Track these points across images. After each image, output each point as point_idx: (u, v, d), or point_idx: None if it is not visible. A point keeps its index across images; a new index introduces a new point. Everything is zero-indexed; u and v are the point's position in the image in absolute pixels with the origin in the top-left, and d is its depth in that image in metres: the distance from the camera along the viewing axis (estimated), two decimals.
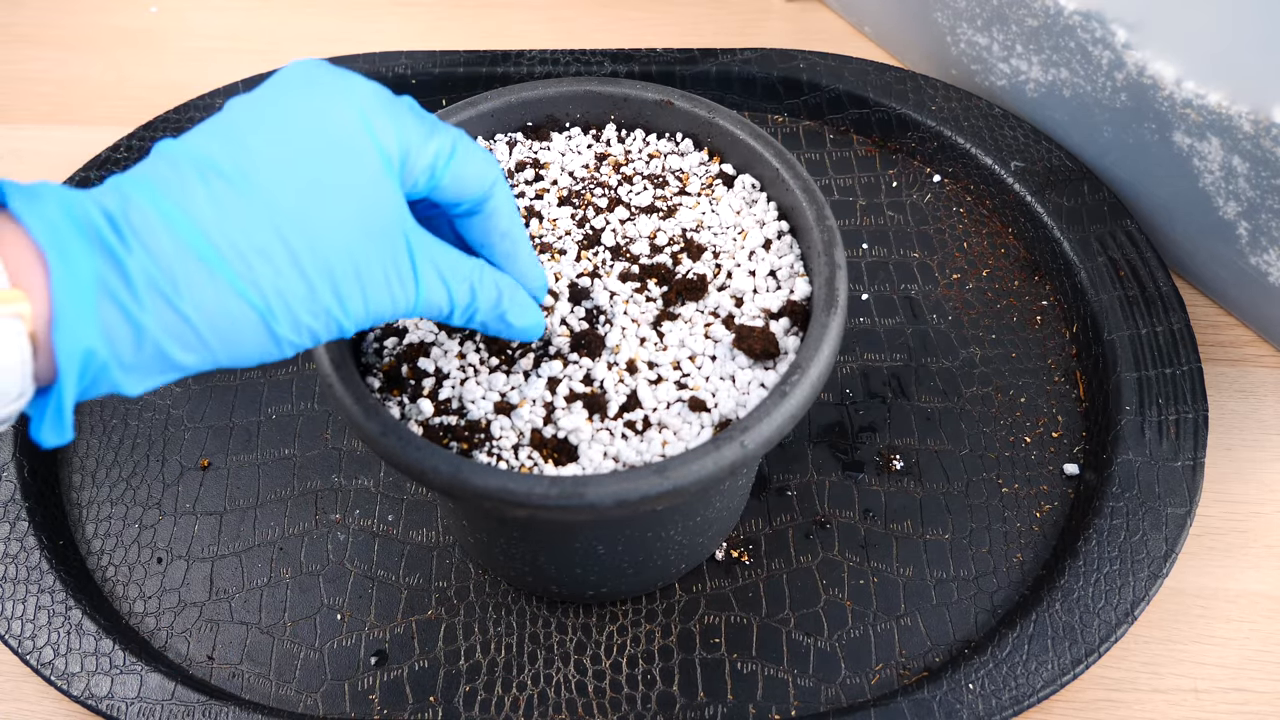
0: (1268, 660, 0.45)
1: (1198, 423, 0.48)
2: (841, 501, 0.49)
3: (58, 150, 0.64)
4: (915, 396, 0.52)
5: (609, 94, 0.45)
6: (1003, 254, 0.57)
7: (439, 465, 0.35)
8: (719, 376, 0.38)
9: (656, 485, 0.34)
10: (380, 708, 0.45)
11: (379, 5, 0.71)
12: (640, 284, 0.41)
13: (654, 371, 0.38)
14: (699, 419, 0.37)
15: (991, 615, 0.46)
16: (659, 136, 0.46)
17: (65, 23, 0.71)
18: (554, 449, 0.37)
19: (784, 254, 0.41)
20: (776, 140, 0.43)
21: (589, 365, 0.38)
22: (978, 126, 0.58)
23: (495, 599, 0.47)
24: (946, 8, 0.59)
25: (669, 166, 0.45)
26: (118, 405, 0.53)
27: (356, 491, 0.50)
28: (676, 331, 0.39)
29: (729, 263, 0.41)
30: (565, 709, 0.44)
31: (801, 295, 0.40)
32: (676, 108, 0.45)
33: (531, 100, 0.45)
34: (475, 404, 0.38)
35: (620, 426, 0.37)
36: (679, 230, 0.42)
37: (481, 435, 0.37)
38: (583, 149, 0.45)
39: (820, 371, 0.37)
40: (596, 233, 0.42)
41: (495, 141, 0.45)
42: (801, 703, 0.44)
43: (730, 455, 0.35)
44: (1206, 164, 0.50)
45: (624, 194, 0.44)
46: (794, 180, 0.42)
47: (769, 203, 0.43)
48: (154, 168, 0.29)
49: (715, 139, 0.44)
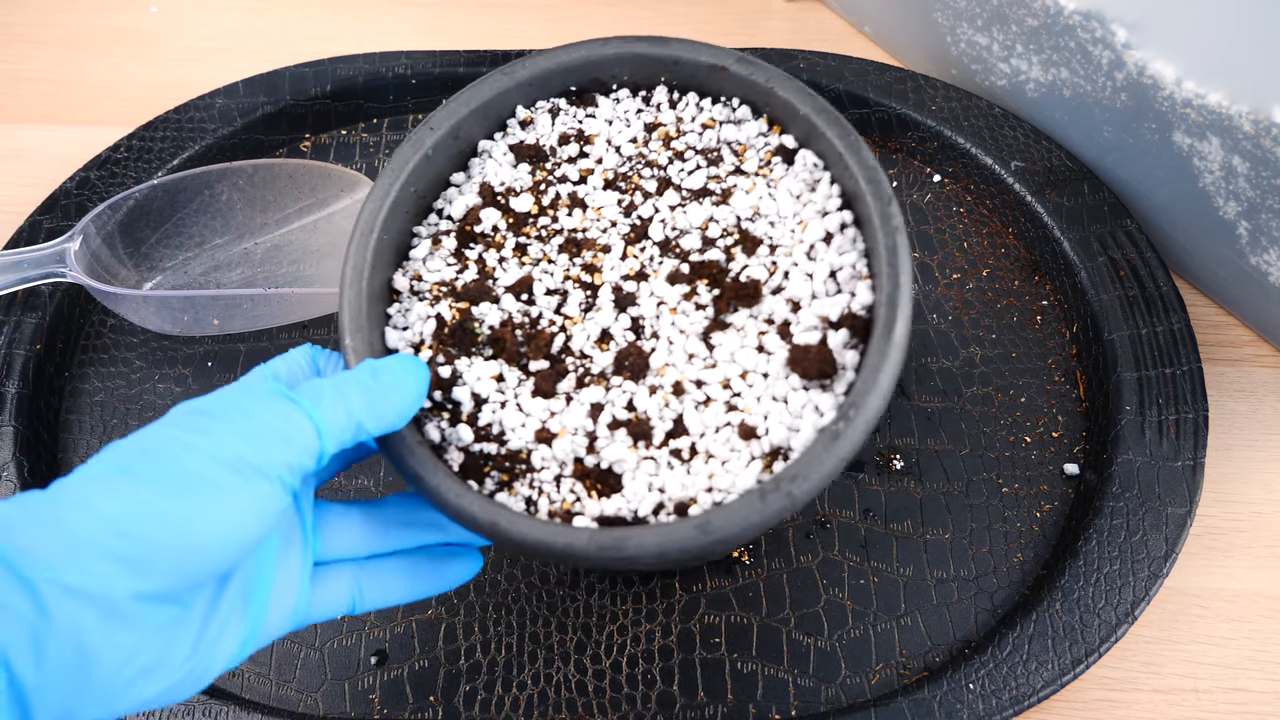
0: (1268, 660, 0.45)
1: (1198, 423, 0.48)
2: (841, 501, 0.49)
3: (58, 150, 0.64)
4: (915, 396, 0.52)
5: (659, 56, 0.41)
6: (1003, 254, 0.57)
7: (476, 513, 0.33)
8: (771, 397, 0.36)
9: (697, 540, 0.33)
10: (380, 707, 0.45)
11: (379, 5, 0.71)
12: (690, 286, 0.38)
13: (702, 391, 0.36)
14: (748, 448, 0.35)
15: (991, 615, 0.46)
16: (714, 101, 0.42)
17: (65, 22, 0.71)
18: (597, 479, 0.35)
19: (845, 250, 0.38)
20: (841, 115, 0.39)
21: (632, 389, 0.36)
22: (978, 126, 0.58)
23: (495, 599, 0.47)
24: (946, 8, 0.59)
25: (724, 138, 0.41)
26: (117, 405, 0.53)
27: (357, 491, 0.50)
28: (727, 344, 0.37)
29: (785, 261, 0.38)
30: (565, 709, 0.44)
31: (862, 304, 0.37)
32: (732, 73, 0.40)
33: (575, 64, 0.41)
34: (515, 432, 0.36)
35: (665, 455, 0.35)
36: (733, 220, 0.39)
37: (522, 466, 0.36)
38: (631, 117, 0.42)
39: (877, 407, 0.34)
40: (644, 223, 0.39)
41: (536, 110, 0.42)
42: (801, 703, 0.44)
43: (776, 505, 0.33)
44: (1206, 164, 0.50)
45: (674, 173, 0.40)
46: (858, 167, 0.37)
47: (832, 185, 0.39)
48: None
49: (775, 108, 0.40)
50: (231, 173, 0.56)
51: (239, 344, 0.55)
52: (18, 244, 0.56)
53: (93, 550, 0.27)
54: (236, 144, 0.61)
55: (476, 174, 0.41)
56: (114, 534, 0.28)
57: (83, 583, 0.27)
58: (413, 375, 0.35)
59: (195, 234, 0.56)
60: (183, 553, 0.29)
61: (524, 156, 0.41)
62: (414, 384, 0.35)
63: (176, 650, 0.30)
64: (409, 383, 0.35)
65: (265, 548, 0.33)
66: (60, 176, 0.61)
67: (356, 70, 0.62)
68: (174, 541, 0.28)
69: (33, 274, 0.51)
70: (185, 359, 0.54)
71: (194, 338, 0.55)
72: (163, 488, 0.29)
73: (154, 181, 0.55)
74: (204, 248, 0.56)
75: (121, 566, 0.28)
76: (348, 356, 0.36)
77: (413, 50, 0.63)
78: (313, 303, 0.53)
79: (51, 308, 0.54)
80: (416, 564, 0.37)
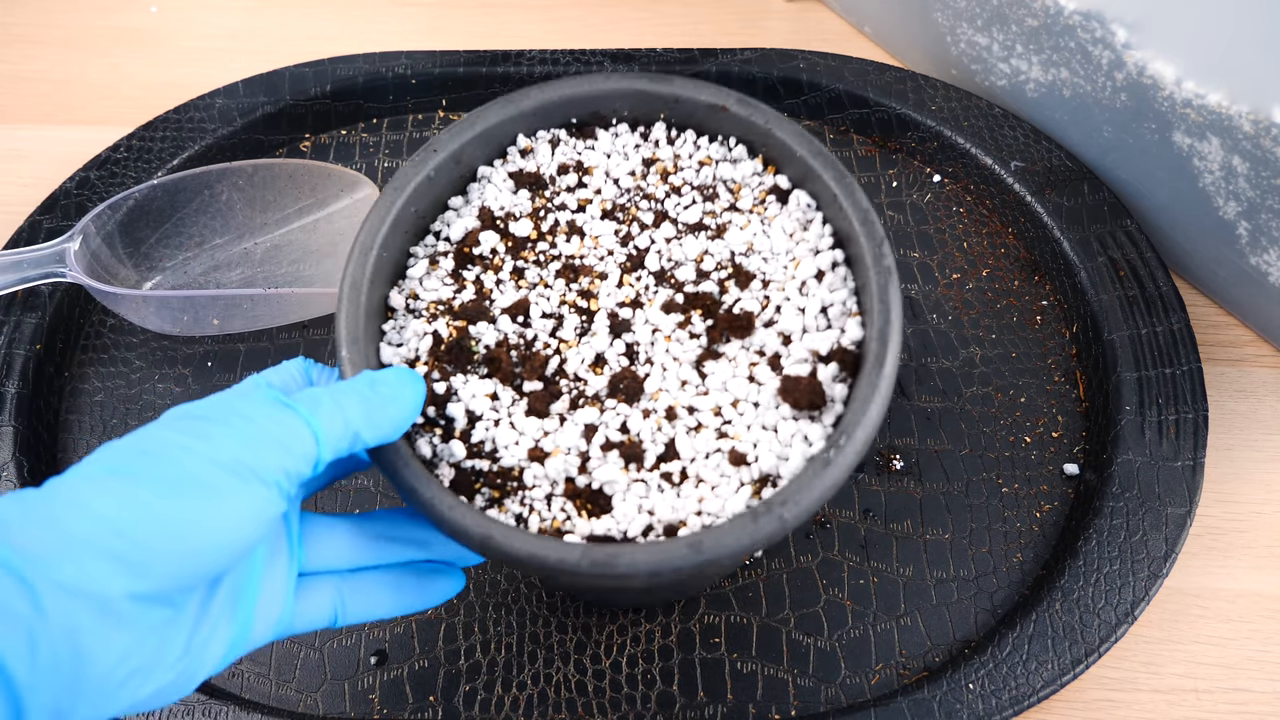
0: (1267, 660, 0.45)
1: (1198, 423, 0.48)
2: (841, 501, 0.49)
3: (57, 150, 0.64)
4: (915, 396, 0.52)
5: (660, 93, 0.42)
6: (1003, 254, 0.57)
7: (469, 526, 0.34)
8: (761, 426, 0.36)
9: (690, 559, 0.33)
10: (380, 707, 0.45)
11: (379, 5, 0.71)
12: (684, 316, 0.38)
13: (694, 418, 0.37)
14: (738, 474, 0.36)
15: (991, 615, 0.46)
16: (711, 139, 0.43)
17: (65, 22, 0.71)
18: (588, 499, 0.35)
19: (836, 288, 0.39)
20: (836, 158, 0.40)
21: (626, 412, 0.37)
22: (978, 126, 0.58)
23: (495, 599, 0.47)
24: (946, 8, 0.59)
25: (720, 176, 0.42)
26: (117, 405, 0.53)
27: (356, 491, 0.50)
28: (719, 373, 0.37)
29: (778, 295, 0.39)
30: (565, 709, 0.44)
31: (851, 340, 0.37)
32: (731, 114, 0.41)
33: (577, 97, 0.42)
34: (508, 449, 0.36)
35: (656, 478, 0.36)
36: (727, 254, 0.40)
37: (514, 484, 0.36)
38: (629, 151, 0.42)
39: (866, 436, 0.35)
40: (640, 253, 0.40)
41: (536, 139, 0.43)
42: (801, 703, 0.44)
43: (767, 528, 0.33)
44: (1206, 164, 0.50)
45: (670, 207, 0.41)
46: (851, 208, 0.39)
47: (824, 225, 0.40)
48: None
49: (771, 149, 0.41)
50: (231, 173, 0.56)
51: (239, 344, 0.55)
52: (18, 244, 0.56)
53: (89, 549, 0.27)
54: (236, 144, 0.61)
55: (475, 198, 0.42)
56: (110, 533, 0.28)
57: (79, 581, 0.27)
58: (410, 388, 0.35)
59: (195, 234, 0.56)
60: (179, 554, 0.29)
61: (523, 183, 0.42)
62: (411, 396, 0.35)
63: (168, 651, 0.30)
64: (406, 395, 0.35)
65: (253, 555, 0.33)
66: (60, 176, 0.61)
67: (356, 70, 0.62)
68: (171, 543, 0.28)
69: (33, 274, 0.51)
70: (185, 359, 0.54)
71: (194, 338, 0.55)
72: (160, 488, 0.29)
73: (154, 181, 0.55)
74: (204, 248, 0.56)
75: (118, 566, 0.28)
76: (344, 368, 0.36)
77: (413, 50, 0.63)
78: (312, 303, 0.53)
79: (51, 308, 0.54)
80: (400, 579, 0.37)
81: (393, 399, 0.34)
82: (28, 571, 0.27)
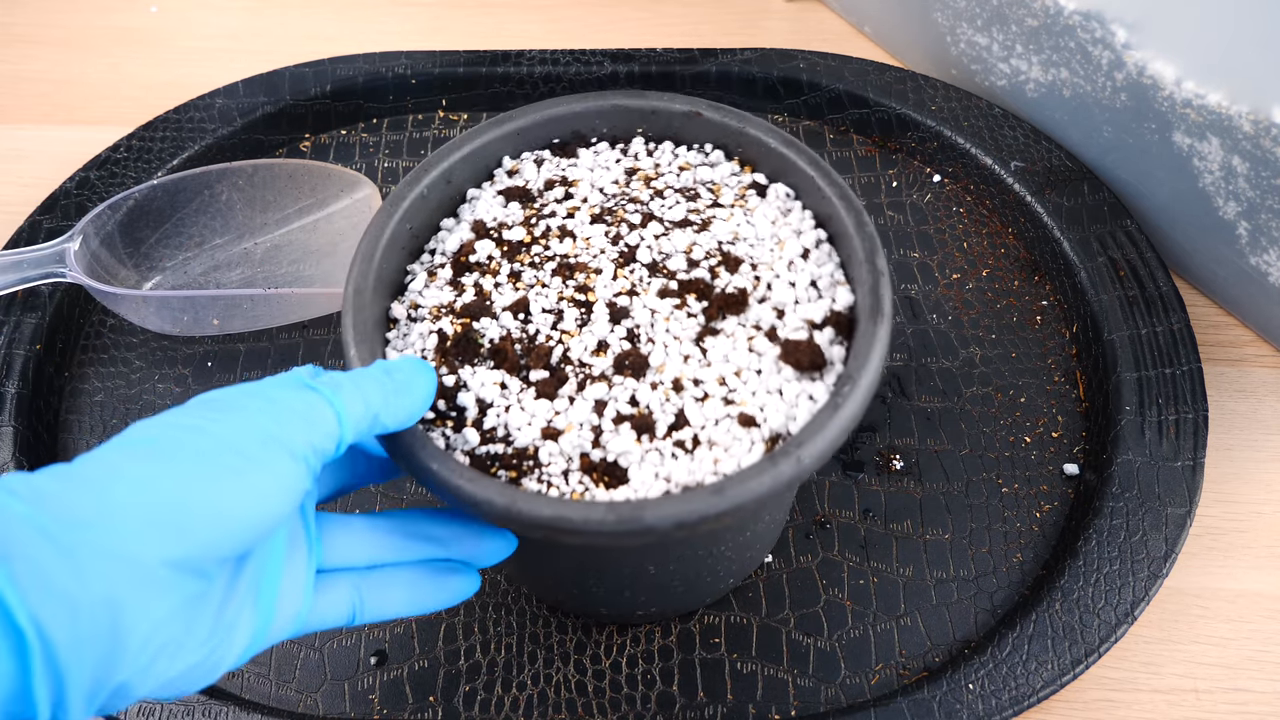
0: (1268, 660, 0.45)
1: (1198, 423, 0.48)
2: (841, 501, 0.49)
3: (58, 150, 0.64)
4: (915, 396, 0.52)
5: (636, 107, 0.44)
6: (1003, 254, 0.57)
7: (493, 497, 0.34)
8: (766, 390, 0.37)
9: (715, 505, 0.33)
10: (380, 707, 0.45)
11: (379, 5, 0.71)
12: (680, 300, 0.39)
13: (700, 389, 0.37)
14: (749, 435, 0.36)
15: (991, 615, 0.46)
16: (688, 148, 0.45)
17: (64, 22, 0.71)
18: (604, 472, 0.36)
19: (823, 263, 0.40)
20: (808, 147, 0.42)
21: (634, 386, 0.38)
22: (978, 126, 0.58)
23: (495, 599, 0.47)
24: (946, 8, 0.59)
25: (700, 178, 0.43)
26: (117, 405, 0.53)
27: (356, 491, 0.50)
28: (719, 347, 0.38)
29: (768, 274, 0.40)
30: (565, 709, 0.44)
31: (844, 304, 0.39)
32: (705, 118, 0.43)
33: (557, 117, 0.44)
34: (521, 430, 0.37)
35: (670, 446, 0.36)
36: (715, 244, 0.41)
37: (530, 462, 0.36)
38: (611, 164, 0.44)
39: (871, 380, 0.36)
40: (631, 250, 0.41)
41: (522, 160, 0.44)
42: (801, 703, 0.44)
43: (788, 471, 0.34)
44: (1206, 164, 0.50)
45: (656, 208, 0.42)
46: (830, 187, 0.40)
47: (804, 210, 0.42)
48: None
49: (746, 148, 0.43)
50: (231, 173, 0.56)
51: (239, 344, 0.55)
52: (18, 244, 0.56)
53: (128, 513, 0.28)
54: (236, 144, 0.61)
55: (467, 215, 0.43)
56: (148, 498, 0.28)
57: (119, 546, 0.27)
58: (422, 376, 0.36)
59: (195, 234, 0.56)
60: (213, 519, 0.29)
61: (513, 197, 0.43)
62: (424, 384, 0.36)
63: (199, 627, 0.30)
64: (420, 382, 0.36)
65: (274, 543, 0.33)
66: (60, 176, 0.61)
67: (356, 70, 0.62)
68: (206, 508, 0.29)
69: (33, 274, 0.51)
70: (185, 359, 0.54)
71: (194, 338, 0.55)
72: (194, 457, 0.30)
73: (154, 181, 0.55)
74: (204, 248, 0.56)
75: (156, 530, 0.28)
76: (354, 365, 0.37)
77: (413, 50, 0.63)
78: (312, 303, 0.53)
79: (51, 308, 0.54)
80: (417, 577, 0.38)
81: (407, 384, 0.35)
82: (68, 539, 0.27)
